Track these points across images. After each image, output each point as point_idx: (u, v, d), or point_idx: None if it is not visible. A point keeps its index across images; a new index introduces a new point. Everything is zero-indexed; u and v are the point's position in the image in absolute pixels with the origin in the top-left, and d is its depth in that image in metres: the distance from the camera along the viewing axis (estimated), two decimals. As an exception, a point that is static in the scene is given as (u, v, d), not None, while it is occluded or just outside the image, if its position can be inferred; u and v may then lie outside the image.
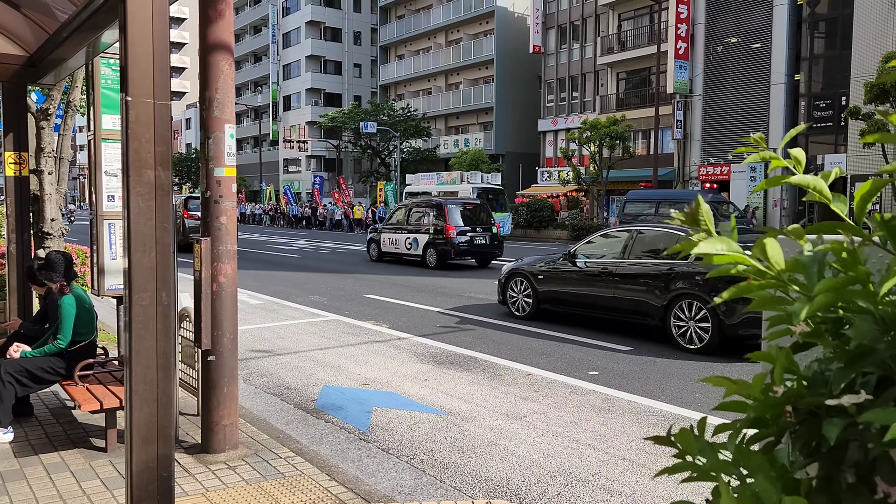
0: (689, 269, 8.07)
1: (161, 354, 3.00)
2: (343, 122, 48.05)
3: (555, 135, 42.23)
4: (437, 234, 17.79)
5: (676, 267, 8.20)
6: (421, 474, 4.40)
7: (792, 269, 0.70)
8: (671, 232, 8.60)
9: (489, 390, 6.34)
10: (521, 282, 10.37)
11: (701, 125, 33.82)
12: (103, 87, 5.25)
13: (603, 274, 9.09)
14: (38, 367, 4.67)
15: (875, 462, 0.61)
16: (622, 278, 8.84)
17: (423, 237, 18.17)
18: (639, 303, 8.60)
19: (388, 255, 19.52)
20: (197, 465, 4.32)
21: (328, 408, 5.85)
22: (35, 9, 5.22)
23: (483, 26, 48.22)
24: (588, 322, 9.55)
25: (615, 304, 8.95)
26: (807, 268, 0.69)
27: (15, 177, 6.03)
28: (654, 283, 8.42)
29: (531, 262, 10.49)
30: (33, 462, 4.30)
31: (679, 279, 8.14)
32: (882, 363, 0.63)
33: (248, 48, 69.73)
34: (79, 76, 8.19)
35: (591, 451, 4.80)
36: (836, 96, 28.70)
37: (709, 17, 33.56)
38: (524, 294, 10.30)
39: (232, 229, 4.52)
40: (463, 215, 18.09)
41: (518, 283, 10.42)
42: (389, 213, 21.09)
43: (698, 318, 7.90)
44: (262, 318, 10.17)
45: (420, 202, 19.84)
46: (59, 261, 4.91)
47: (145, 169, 2.95)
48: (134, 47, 2.92)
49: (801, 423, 0.67)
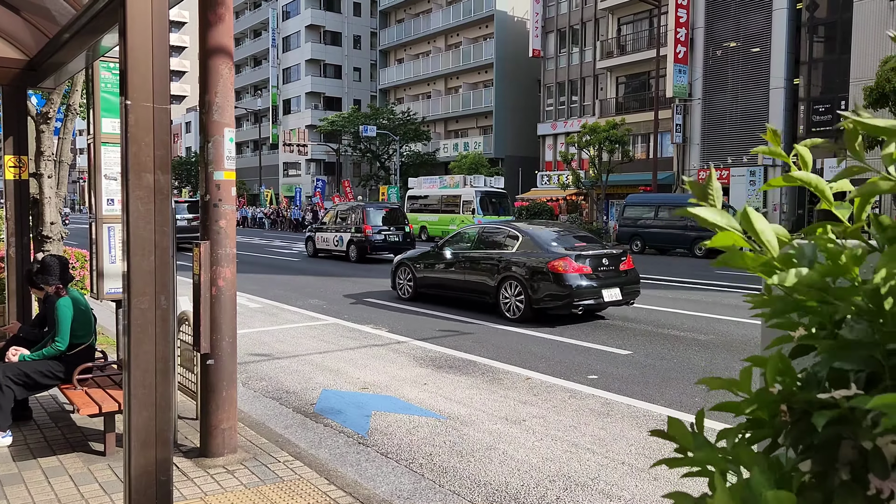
0: (513, 258, 10.42)
1: (160, 358, 3.00)
2: (343, 126, 48.08)
3: (554, 139, 42.27)
4: (357, 233, 20.79)
5: (504, 257, 10.56)
6: (420, 478, 4.39)
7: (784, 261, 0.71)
8: (504, 229, 11.22)
9: (488, 394, 6.34)
10: (405, 270, 12.50)
11: (700, 129, 33.86)
12: (103, 91, 5.26)
13: (459, 263, 11.38)
14: (37, 370, 4.66)
15: (867, 459, 0.62)
16: (471, 266, 11.13)
17: (347, 235, 21.13)
18: (481, 284, 10.88)
19: (322, 251, 22.47)
20: (195, 469, 4.32)
21: (327, 412, 5.84)
22: (35, 13, 5.23)
23: (483, 30, 48.31)
24: (451, 301, 11.74)
25: (467, 286, 11.23)
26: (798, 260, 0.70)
27: (14, 180, 6.03)
28: (490, 269, 10.72)
29: (413, 255, 12.69)
30: (32, 466, 4.30)
31: (506, 266, 10.44)
32: (871, 360, 0.63)
33: (249, 52, 69.84)
34: (79, 80, 8.20)
35: (590, 455, 4.80)
36: (836, 100, 28.74)
37: (708, 22, 33.63)
38: (407, 280, 12.42)
39: (231, 233, 4.53)
40: (380, 217, 21.25)
41: (403, 271, 12.55)
42: (323, 215, 24.32)
43: (517, 295, 10.19)
44: (261, 322, 10.17)
45: (346, 206, 22.98)
46: (54, 264, 4.92)
47: (145, 173, 2.95)
48: (134, 51, 2.93)
49: (795, 421, 0.67)
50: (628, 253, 10.94)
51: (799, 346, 0.74)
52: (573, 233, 11.55)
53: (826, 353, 0.68)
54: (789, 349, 0.74)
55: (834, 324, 0.70)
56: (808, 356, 0.76)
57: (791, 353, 0.75)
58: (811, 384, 0.67)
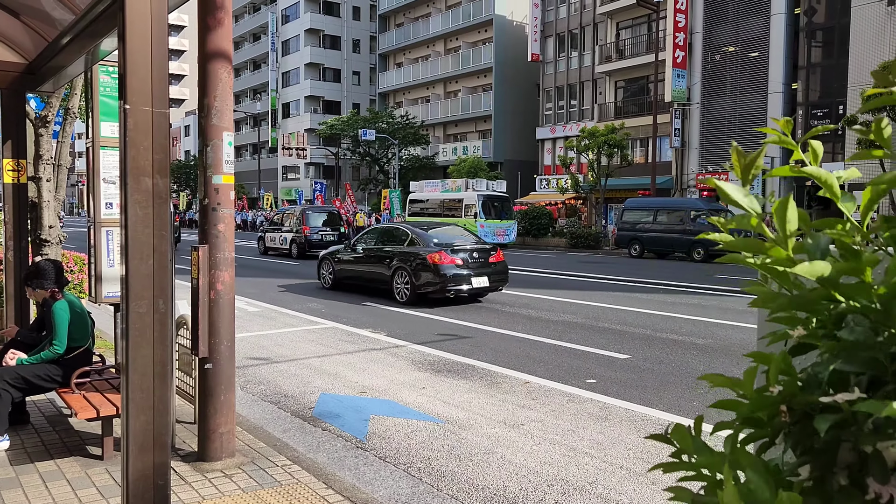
0: (402, 253, 12.72)
1: (158, 362, 3.00)
2: (342, 130, 48.11)
3: (553, 143, 42.33)
4: (298, 233, 23.85)
5: (396, 251, 12.87)
6: (418, 482, 4.39)
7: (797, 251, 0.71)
8: (398, 228, 13.80)
9: (486, 398, 6.34)
10: (327, 264, 14.75)
11: (699, 133, 33.91)
12: (102, 95, 5.26)
13: (365, 257, 13.65)
14: (35, 374, 4.65)
15: (866, 463, 0.61)
16: (373, 259, 13.39)
17: (290, 235, 24.27)
18: (380, 274, 13.10)
19: (271, 249, 25.33)
20: (193, 473, 4.31)
21: (325, 416, 5.83)
22: (34, 16, 5.24)
23: (482, 34, 48.39)
24: (361, 289, 13.94)
25: (371, 276, 13.45)
26: (810, 252, 0.70)
27: (13, 184, 6.03)
28: (385, 261, 12.98)
29: (333, 251, 14.91)
30: (29, 470, 4.28)
31: (397, 259, 12.71)
32: (875, 362, 0.63)
33: (248, 55, 69.91)
34: (78, 83, 8.21)
35: (588, 459, 4.79)
36: (834, 105, 28.82)
37: (707, 27, 33.71)
38: (328, 272, 14.69)
39: (230, 237, 4.52)
40: (320, 219, 24.48)
41: (325, 265, 14.81)
42: (273, 216, 27.86)
43: (405, 283, 12.43)
44: (259, 326, 10.16)
45: (290, 210, 26.05)
46: (48, 268, 4.91)
47: (143, 176, 2.95)
48: (132, 55, 2.93)
49: (795, 424, 0.67)
50: (498, 249, 13.26)
51: (799, 345, 0.74)
52: (454, 232, 13.85)
53: (828, 353, 0.67)
54: (788, 346, 0.74)
55: (834, 324, 0.70)
56: (805, 355, 0.76)
57: (790, 352, 0.74)
58: (812, 385, 0.67)
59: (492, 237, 29.41)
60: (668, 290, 14.84)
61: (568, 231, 31.60)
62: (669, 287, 15.26)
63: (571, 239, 30.81)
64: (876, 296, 0.65)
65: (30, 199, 7.06)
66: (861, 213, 0.79)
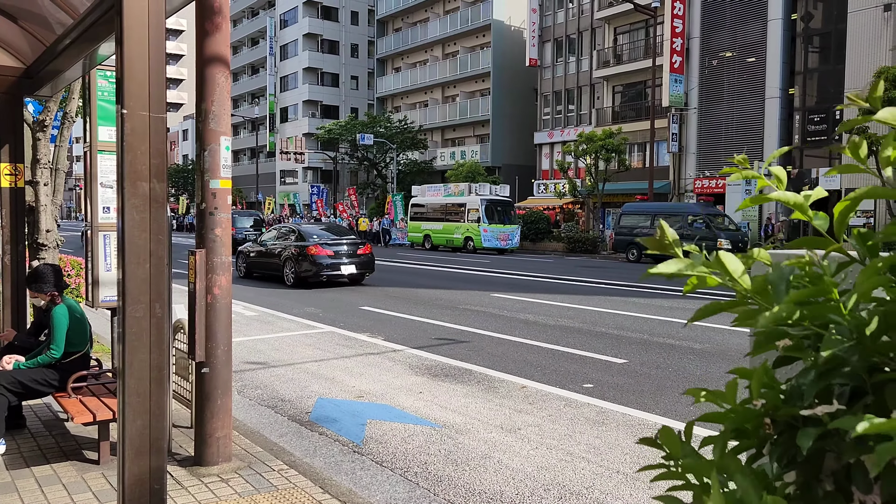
0: (290, 246, 16.15)
1: (154, 366, 3.00)
2: (340, 134, 48.11)
3: (551, 147, 42.39)
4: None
5: (286, 245, 16.38)
6: (415, 487, 4.38)
7: (760, 286, 0.72)
8: (288, 227, 17.81)
9: (483, 403, 6.34)
10: (242, 256, 18.07)
11: (696, 138, 33.97)
12: (100, 100, 5.26)
13: (266, 251, 17.14)
14: (32, 378, 4.65)
15: (850, 470, 0.62)
16: (272, 253, 16.85)
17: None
18: (275, 263, 16.61)
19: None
20: (190, 477, 4.31)
21: (322, 420, 5.83)
22: (32, 21, 5.24)
23: (480, 39, 48.46)
24: (272, 279, 17.02)
25: (269, 266, 16.95)
26: (774, 284, 0.71)
27: (10, 188, 6.03)
28: (279, 253, 16.46)
29: (248, 246, 18.45)
30: (25, 475, 4.28)
31: (286, 251, 16.21)
32: (855, 375, 0.64)
33: (246, 60, 69.95)
34: (76, 88, 8.21)
35: (585, 463, 4.80)
36: (831, 110, 28.89)
37: (704, 32, 33.81)
38: (242, 264, 17.99)
39: (227, 241, 4.53)
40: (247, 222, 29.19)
41: (241, 257, 18.02)
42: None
43: (291, 270, 15.98)
44: (256, 330, 10.15)
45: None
46: (47, 272, 4.91)
47: (140, 181, 2.96)
48: (130, 60, 2.94)
49: (779, 434, 0.68)
50: (367, 243, 17.20)
51: (785, 356, 0.75)
52: (333, 229, 17.81)
53: (811, 368, 0.68)
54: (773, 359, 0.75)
55: (817, 336, 0.70)
56: (792, 365, 0.77)
57: (776, 363, 0.75)
58: (795, 397, 0.68)
59: (495, 242, 29.41)
60: (665, 294, 14.85)
61: (566, 235, 31.63)
62: (666, 292, 15.28)
63: (569, 243, 30.83)
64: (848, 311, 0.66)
65: (27, 203, 7.06)
66: (836, 229, 0.80)
